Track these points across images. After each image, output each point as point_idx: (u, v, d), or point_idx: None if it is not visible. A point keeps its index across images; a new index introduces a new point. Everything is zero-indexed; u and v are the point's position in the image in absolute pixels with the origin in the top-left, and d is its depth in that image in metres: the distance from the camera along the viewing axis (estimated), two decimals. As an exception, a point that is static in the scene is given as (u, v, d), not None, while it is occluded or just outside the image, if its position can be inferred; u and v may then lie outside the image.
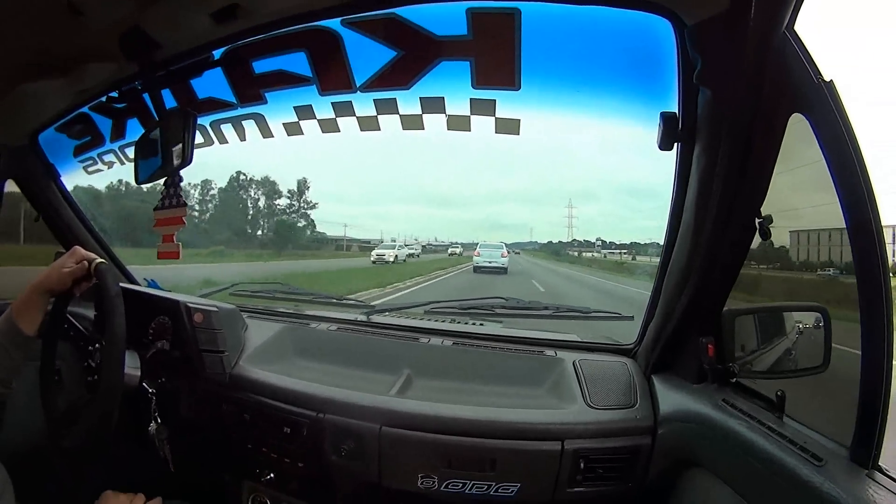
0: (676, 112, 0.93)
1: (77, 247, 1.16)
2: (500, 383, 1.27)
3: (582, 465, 1.05)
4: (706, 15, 0.78)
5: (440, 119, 1.15)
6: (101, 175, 1.81)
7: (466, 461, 1.07)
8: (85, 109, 1.53)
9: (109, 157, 1.62)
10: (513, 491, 1.06)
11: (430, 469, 1.09)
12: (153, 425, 1.30)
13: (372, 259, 13.18)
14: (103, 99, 1.47)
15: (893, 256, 0.84)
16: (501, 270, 13.01)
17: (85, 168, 1.70)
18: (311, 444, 1.18)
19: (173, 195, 1.24)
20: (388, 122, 1.20)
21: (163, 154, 1.24)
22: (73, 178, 1.81)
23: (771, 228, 0.89)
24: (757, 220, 0.87)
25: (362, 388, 1.23)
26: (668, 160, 1.02)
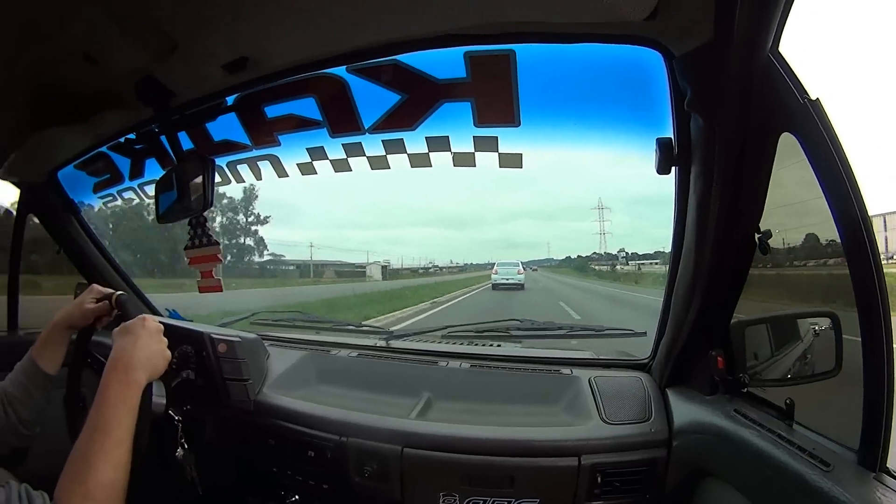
0: (672, 137, 0.96)
1: (94, 285, 1.19)
2: (518, 402, 1.30)
3: (599, 479, 1.07)
4: (693, 45, 0.81)
5: (446, 156, 1.20)
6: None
7: (486, 479, 1.10)
8: (104, 149, 1.55)
9: (129, 195, 1.67)
10: None
11: (452, 487, 1.12)
12: (180, 451, 1.33)
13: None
14: (122, 140, 1.49)
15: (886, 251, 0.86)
16: (518, 286, 12.98)
17: (105, 204, 1.73)
18: (335, 466, 1.21)
19: (202, 234, 1.29)
20: (397, 160, 1.24)
21: (180, 194, 1.26)
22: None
23: (770, 243, 0.91)
24: (756, 236, 0.89)
25: (384, 411, 1.27)
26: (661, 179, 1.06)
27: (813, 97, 0.73)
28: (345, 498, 1.28)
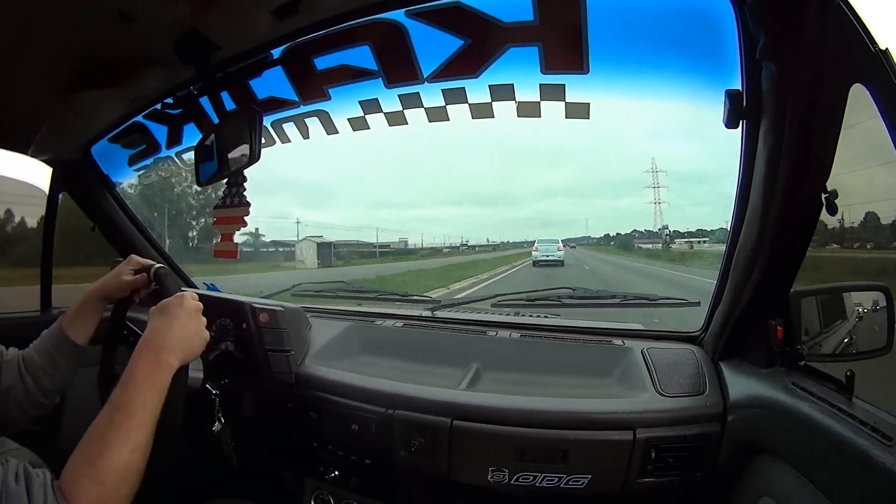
0: (741, 89, 0.91)
1: (133, 256, 1.15)
2: (570, 374, 1.27)
3: (653, 454, 1.03)
4: None
5: (510, 106, 1.14)
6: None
7: (538, 453, 1.06)
8: (139, 118, 1.50)
9: (166, 164, 1.58)
10: (583, 483, 1.05)
11: (501, 462, 1.07)
12: (217, 425, 1.28)
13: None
14: (157, 106, 1.42)
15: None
16: (558, 263, 12.96)
17: (140, 177, 1.66)
18: (379, 440, 1.17)
19: (235, 194, 1.24)
20: (457, 111, 1.20)
21: (223, 154, 1.19)
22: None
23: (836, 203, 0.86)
24: (823, 196, 0.85)
25: (431, 382, 1.23)
26: (721, 145, 0.98)
27: (883, 47, 0.71)
28: (387, 474, 1.25)
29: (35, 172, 1.73)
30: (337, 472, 1.34)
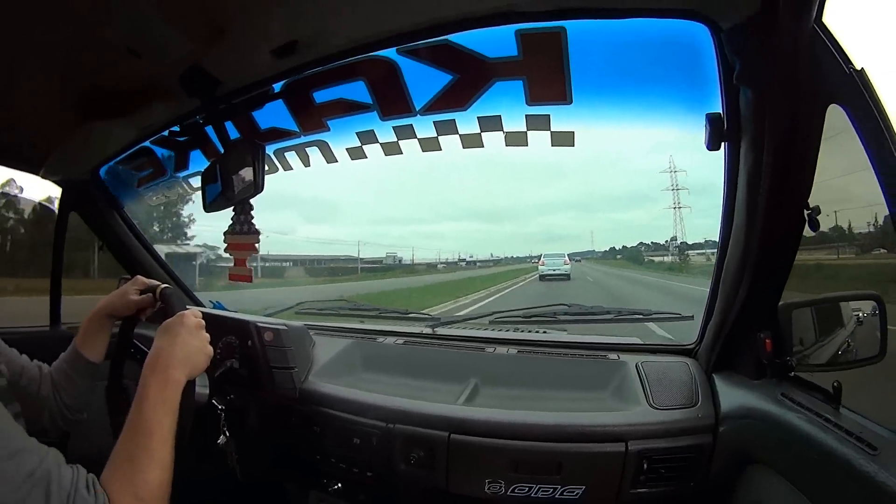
0: (721, 112, 0.94)
1: (139, 276, 1.18)
2: (565, 388, 1.29)
3: (645, 465, 1.05)
4: (740, 18, 0.81)
5: (498, 136, 1.17)
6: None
7: (533, 465, 1.09)
8: (147, 143, 1.55)
9: (172, 188, 1.63)
10: (578, 494, 1.07)
11: (498, 474, 1.10)
12: (222, 439, 1.31)
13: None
14: (165, 133, 1.47)
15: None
16: (565, 277, 12.61)
17: (148, 199, 1.71)
18: (380, 453, 1.20)
19: (244, 222, 1.27)
20: (449, 142, 1.22)
21: (227, 182, 1.24)
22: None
23: (818, 219, 0.89)
24: (805, 212, 0.87)
25: (431, 398, 1.26)
26: (717, 158, 1.03)
27: (858, 67, 0.73)
28: (388, 486, 1.27)
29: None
30: (340, 485, 1.37)
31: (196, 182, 1.60)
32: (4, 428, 0.65)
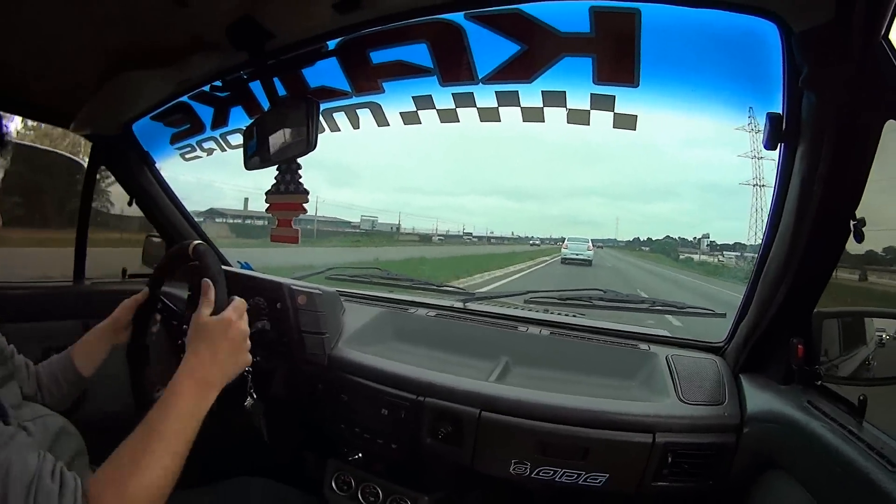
0: (781, 113, 0.93)
1: (126, 302, 1.15)
2: (595, 374, 1.29)
3: (670, 458, 1.04)
4: (813, 23, 0.79)
5: (560, 112, 1.14)
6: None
7: (560, 449, 1.07)
8: (185, 98, 1.48)
9: (209, 144, 1.64)
10: (601, 481, 1.07)
11: (524, 455, 1.09)
12: (249, 401, 1.28)
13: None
14: (206, 88, 1.40)
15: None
16: (587, 262, 12.45)
17: (182, 155, 1.69)
18: (408, 426, 1.19)
19: (290, 181, 1.24)
20: (509, 113, 1.19)
21: (273, 139, 1.18)
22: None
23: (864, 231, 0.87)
24: (852, 223, 0.86)
25: (461, 373, 1.24)
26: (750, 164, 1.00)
27: None
28: (412, 459, 1.26)
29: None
30: (360, 455, 1.35)
31: (234, 139, 1.57)
32: None
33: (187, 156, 1.70)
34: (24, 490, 0.58)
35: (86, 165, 1.76)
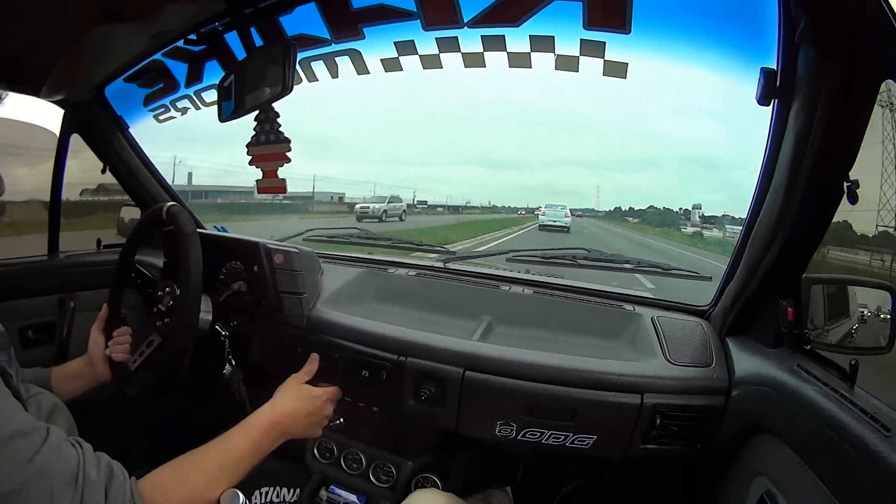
0: (776, 68, 0.91)
1: (101, 313, 1.16)
2: (580, 334, 1.28)
3: (658, 420, 1.03)
4: None
5: (548, 58, 1.11)
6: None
7: (548, 410, 1.06)
8: (158, 56, 1.39)
9: (184, 103, 1.58)
10: (588, 443, 1.06)
11: (510, 416, 1.07)
12: (228, 368, 1.26)
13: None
14: (179, 43, 1.31)
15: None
16: (564, 229, 12.43)
17: (156, 116, 1.63)
18: (389, 387, 1.16)
19: (270, 131, 1.17)
20: (495, 58, 1.14)
21: (248, 87, 1.11)
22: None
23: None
24: (845, 184, 0.85)
25: (443, 332, 1.21)
26: (740, 130, 0.97)
27: None
28: (394, 424, 1.24)
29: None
30: (342, 420, 1.31)
31: (208, 96, 1.50)
32: (2, 407, 0.60)
33: (161, 117, 1.64)
34: (71, 486, 0.58)
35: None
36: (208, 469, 0.76)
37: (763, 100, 0.92)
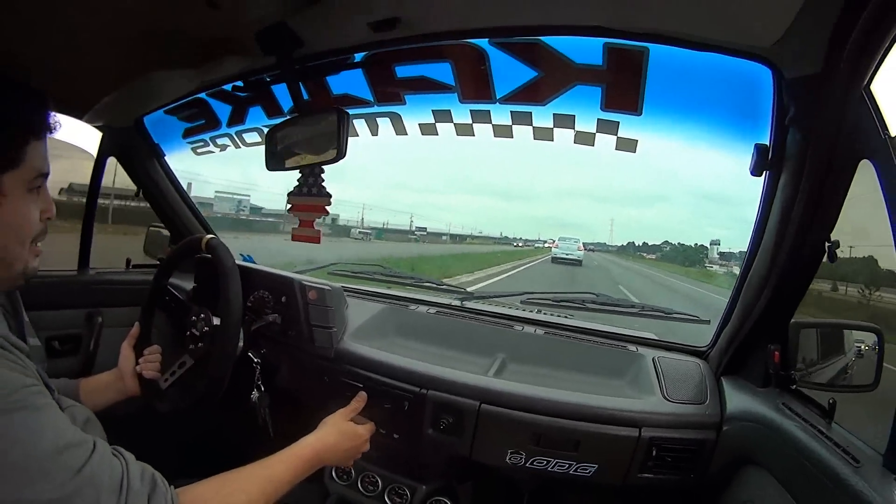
0: (768, 144, 1.02)
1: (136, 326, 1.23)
2: (587, 372, 1.38)
3: (654, 452, 1.12)
4: (802, 73, 0.89)
5: (569, 133, 1.27)
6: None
7: (553, 440, 1.14)
8: (202, 95, 1.52)
9: (224, 141, 1.68)
10: (590, 471, 1.14)
11: (520, 446, 1.16)
12: (255, 393, 1.33)
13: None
14: (227, 87, 1.43)
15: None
16: (577, 262, 12.24)
17: (194, 149, 1.72)
18: (411, 417, 1.24)
19: (313, 184, 1.28)
20: (521, 131, 1.31)
21: (295, 146, 1.22)
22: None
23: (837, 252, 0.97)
24: (827, 244, 0.96)
25: (460, 368, 1.30)
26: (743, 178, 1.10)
27: (893, 134, 0.82)
28: (410, 450, 1.32)
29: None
30: None
31: (249, 137, 1.60)
32: (54, 420, 0.64)
33: (199, 150, 1.74)
34: (115, 495, 0.61)
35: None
36: (251, 491, 0.79)
37: (756, 171, 1.04)
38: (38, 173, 0.71)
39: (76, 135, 1.68)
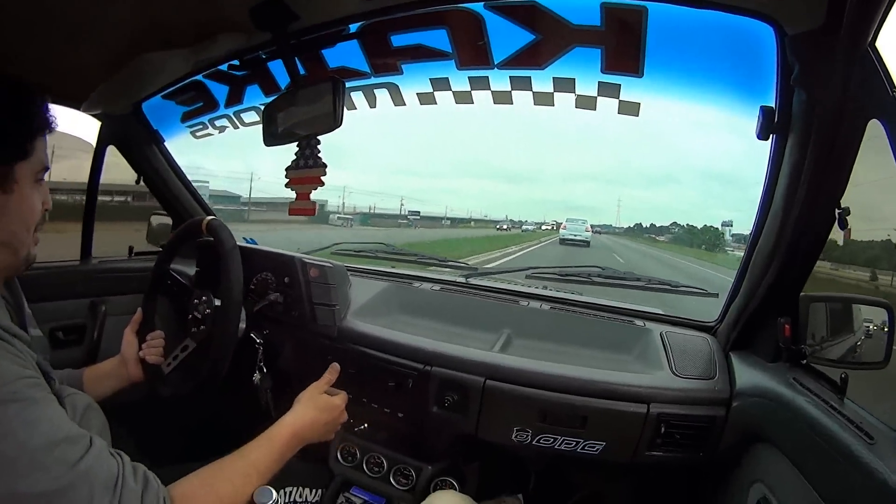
0: (773, 106, 0.99)
1: (135, 317, 1.21)
2: (593, 347, 1.37)
3: (663, 429, 1.10)
4: (805, 28, 0.86)
5: (569, 98, 1.21)
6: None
7: (560, 417, 1.13)
8: (199, 77, 1.50)
9: (222, 122, 1.67)
10: (597, 449, 1.13)
11: (526, 423, 1.15)
12: (257, 375, 1.32)
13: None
14: (223, 67, 1.41)
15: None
16: (584, 243, 12.28)
17: (193, 133, 1.71)
18: (415, 395, 1.24)
19: (310, 156, 1.26)
20: (521, 97, 1.25)
21: (292, 119, 1.20)
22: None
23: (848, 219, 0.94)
24: (837, 211, 0.93)
25: (465, 344, 1.29)
26: (753, 154, 1.07)
27: None
28: (416, 427, 1.32)
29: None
30: (366, 425, 1.39)
31: (248, 117, 1.60)
32: (51, 414, 0.64)
33: (198, 133, 1.72)
34: (109, 491, 0.62)
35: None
36: (234, 480, 0.80)
37: (762, 134, 1.01)
38: (42, 166, 0.77)
39: (75, 126, 1.69)
